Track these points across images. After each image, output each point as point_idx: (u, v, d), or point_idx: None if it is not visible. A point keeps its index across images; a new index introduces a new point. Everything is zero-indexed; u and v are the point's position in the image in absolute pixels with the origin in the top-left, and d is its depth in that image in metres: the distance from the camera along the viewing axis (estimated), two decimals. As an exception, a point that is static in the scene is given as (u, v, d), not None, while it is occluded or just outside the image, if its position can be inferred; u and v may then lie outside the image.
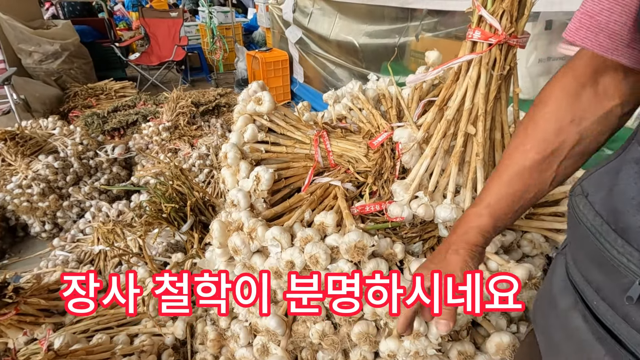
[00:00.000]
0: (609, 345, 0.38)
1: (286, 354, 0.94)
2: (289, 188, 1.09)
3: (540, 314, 0.52)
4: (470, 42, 0.80)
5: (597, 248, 0.39)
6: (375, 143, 1.07)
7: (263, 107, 1.10)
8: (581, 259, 0.43)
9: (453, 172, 0.87)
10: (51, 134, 2.20)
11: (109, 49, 4.54)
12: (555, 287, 0.48)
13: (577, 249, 0.45)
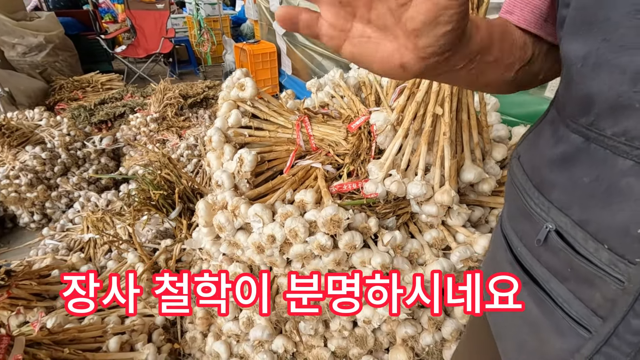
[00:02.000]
0: (529, 286, 0.44)
1: (269, 323, 1.00)
2: (271, 170, 1.14)
3: (485, 268, 0.59)
4: None
5: (522, 202, 0.44)
6: (353, 126, 1.13)
7: (246, 93, 1.15)
8: (512, 213, 0.49)
9: (423, 151, 0.93)
10: (38, 125, 2.21)
11: (95, 42, 4.49)
12: (495, 243, 0.54)
13: (510, 205, 0.50)
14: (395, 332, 1.00)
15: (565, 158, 0.38)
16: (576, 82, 0.36)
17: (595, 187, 0.35)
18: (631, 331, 0.33)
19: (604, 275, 0.34)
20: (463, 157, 0.97)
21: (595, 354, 0.37)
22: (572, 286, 0.39)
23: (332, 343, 1.05)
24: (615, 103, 0.31)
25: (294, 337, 1.06)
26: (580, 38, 0.34)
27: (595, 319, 0.36)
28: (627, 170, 0.31)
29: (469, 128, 0.96)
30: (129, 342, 1.23)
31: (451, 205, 0.90)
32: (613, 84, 0.31)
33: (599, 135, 0.34)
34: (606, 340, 0.35)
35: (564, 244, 0.38)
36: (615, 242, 0.33)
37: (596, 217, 0.35)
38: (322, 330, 1.04)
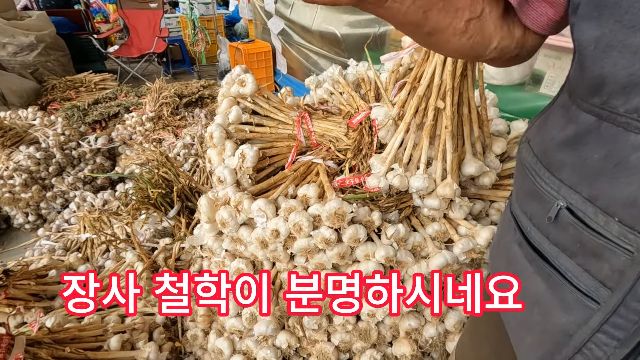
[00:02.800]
0: (537, 263, 0.46)
1: (274, 318, 1.00)
2: (273, 166, 1.14)
3: (489, 255, 0.60)
4: None
5: (532, 183, 0.46)
6: (354, 122, 1.13)
7: (246, 89, 1.15)
8: (521, 196, 0.50)
9: (425, 145, 0.94)
10: (31, 125, 2.18)
11: (87, 41, 4.44)
12: (502, 226, 0.56)
13: (519, 188, 0.52)
14: (398, 325, 1.01)
15: (576, 137, 0.40)
16: (589, 64, 0.37)
17: (605, 163, 0.36)
18: (638, 299, 0.35)
19: (614, 247, 0.36)
20: (464, 151, 0.98)
21: (603, 324, 0.38)
22: (580, 260, 0.40)
23: (336, 337, 1.06)
24: (627, 82, 0.33)
25: (298, 332, 1.07)
26: (593, 21, 0.36)
27: (603, 290, 0.38)
28: (639, 145, 0.33)
29: (470, 122, 0.97)
30: (129, 340, 1.22)
31: (453, 198, 0.91)
32: (625, 63, 0.33)
33: (612, 113, 0.35)
34: (614, 310, 0.37)
35: (574, 219, 0.39)
36: (624, 214, 0.35)
37: (606, 191, 0.36)
38: (326, 325, 1.05)
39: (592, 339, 0.39)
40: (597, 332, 0.39)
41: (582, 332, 0.40)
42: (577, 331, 0.40)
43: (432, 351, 1.03)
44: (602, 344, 0.39)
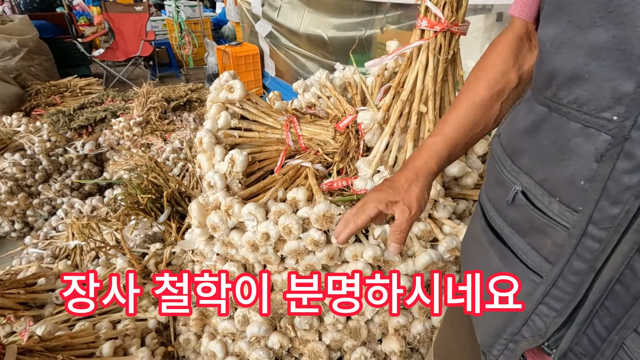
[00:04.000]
0: (496, 246, 0.50)
1: (265, 319, 1.02)
2: (262, 170, 1.16)
3: (464, 242, 0.65)
4: (419, 30, 0.90)
5: (498, 171, 0.50)
6: (341, 125, 1.16)
7: (235, 95, 1.16)
8: (489, 184, 0.55)
9: (409, 148, 0.98)
10: (16, 132, 2.15)
11: (71, 45, 4.37)
12: (473, 217, 0.60)
13: (488, 177, 0.56)
14: (387, 322, 1.04)
15: (533, 127, 0.44)
16: (544, 60, 0.42)
17: (552, 148, 0.41)
18: (573, 272, 0.39)
19: (555, 225, 0.40)
20: (447, 153, 1.02)
21: (545, 296, 0.43)
22: (529, 239, 0.45)
23: (327, 336, 1.08)
24: (571, 75, 0.38)
25: (289, 333, 1.09)
26: (551, 21, 0.41)
27: (546, 264, 0.42)
28: (577, 131, 0.38)
29: (452, 125, 1.01)
30: (122, 346, 1.22)
31: (437, 198, 0.95)
32: (571, 58, 0.37)
33: (558, 104, 0.40)
34: (554, 282, 0.41)
35: (527, 201, 0.44)
36: (563, 194, 0.39)
37: (551, 174, 0.41)
38: (317, 325, 1.07)
39: (536, 311, 0.44)
40: (539, 304, 0.44)
41: (527, 305, 0.45)
42: (525, 304, 0.45)
43: (420, 347, 1.07)
44: (543, 315, 0.44)
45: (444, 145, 0.60)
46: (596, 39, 0.34)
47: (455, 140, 0.60)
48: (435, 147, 0.60)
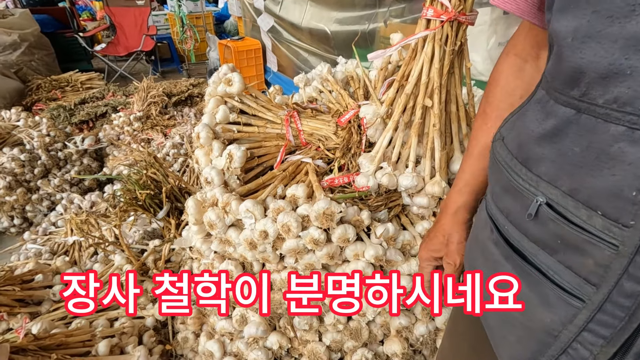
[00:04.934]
0: (515, 261, 0.45)
1: (263, 320, 0.99)
2: (261, 166, 1.13)
3: (468, 250, 0.60)
4: (425, 20, 0.86)
5: (508, 180, 0.45)
6: (343, 120, 1.12)
7: (233, 88, 1.13)
8: (497, 192, 0.50)
9: (413, 143, 0.94)
10: (15, 126, 2.13)
11: (73, 40, 4.35)
12: (477, 226, 0.56)
13: (494, 185, 0.51)
14: (389, 323, 1.01)
15: (556, 131, 0.39)
16: (566, 56, 0.37)
17: (585, 155, 0.36)
18: (624, 294, 0.34)
19: (598, 242, 0.35)
20: (452, 149, 0.98)
21: (589, 322, 0.37)
22: (561, 257, 0.40)
23: (327, 337, 1.05)
24: (607, 71, 0.33)
25: (288, 333, 1.06)
26: (569, 13, 0.36)
27: (587, 287, 0.37)
28: (619, 135, 0.33)
29: (458, 119, 0.97)
30: (119, 345, 1.20)
31: (442, 196, 0.91)
32: (604, 53, 0.33)
33: (590, 104, 0.35)
34: (600, 307, 0.36)
35: (555, 215, 0.39)
36: (608, 207, 0.34)
37: (587, 185, 0.36)
38: (317, 325, 1.04)
39: (578, 339, 0.39)
40: (582, 330, 0.38)
41: (567, 332, 0.39)
42: (563, 330, 0.40)
43: (422, 349, 1.04)
44: (587, 343, 0.38)
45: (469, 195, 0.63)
46: (637, 29, 0.30)
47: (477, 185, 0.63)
48: (460, 199, 0.64)
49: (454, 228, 0.65)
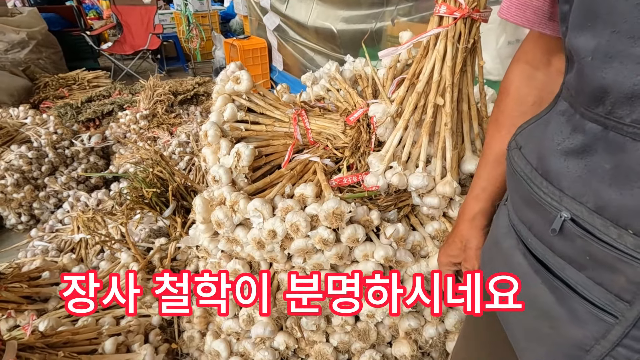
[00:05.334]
0: (543, 275, 0.44)
1: (271, 320, 0.98)
2: (269, 165, 1.12)
3: (488, 257, 0.58)
4: (437, 17, 0.85)
5: (529, 192, 0.44)
6: (352, 119, 1.11)
7: (242, 86, 1.12)
8: (517, 204, 0.48)
9: (424, 143, 0.92)
10: (23, 124, 2.14)
11: (80, 38, 4.37)
12: (499, 232, 0.53)
13: (514, 195, 0.50)
14: (398, 325, 1.00)
15: (584, 147, 0.38)
16: (588, 74, 0.36)
17: (614, 173, 0.35)
18: None
19: (630, 260, 0.34)
20: (463, 148, 0.97)
21: (624, 337, 0.36)
22: (590, 273, 0.38)
23: (334, 338, 1.04)
24: (632, 92, 0.32)
25: (295, 334, 1.05)
26: (587, 31, 0.35)
27: (620, 303, 0.36)
28: None
29: (470, 118, 0.95)
30: (125, 343, 1.20)
31: (453, 196, 0.90)
32: (628, 73, 0.32)
33: (618, 123, 0.34)
34: (635, 323, 0.35)
35: (582, 231, 0.38)
36: (639, 225, 0.33)
37: (615, 202, 0.35)
38: (324, 326, 1.03)
39: (612, 353, 0.38)
40: (617, 346, 0.37)
41: (600, 347, 0.39)
42: (595, 346, 0.39)
43: (431, 351, 1.02)
44: (622, 357, 0.38)
45: (485, 201, 0.62)
46: None
47: (493, 192, 0.62)
48: (477, 205, 0.63)
49: (472, 234, 0.64)
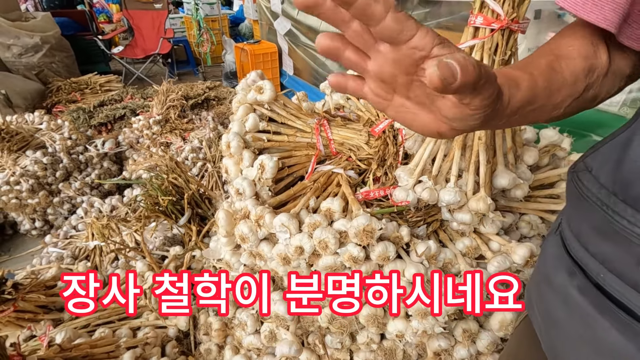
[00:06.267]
0: (615, 315, 0.38)
1: (296, 338, 0.95)
2: (292, 176, 1.10)
3: (536, 293, 0.53)
4: (472, 27, 0.82)
5: (605, 220, 0.39)
6: (377, 130, 1.08)
7: (264, 96, 1.10)
8: (585, 233, 0.44)
9: (456, 157, 0.89)
10: (38, 129, 2.14)
11: (91, 42, 4.41)
12: (549, 265, 0.49)
13: (580, 224, 0.45)
14: (426, 344, 0.96)
15: None
16: None
17: None
18: None
19: None
20: (495, 162, 0.93)
21: None
22: None
23: (359, 356, 1.01)
24: None
25: (318, 350, 1.02)
26: None
27: None
28: None
29: (503, 132, 0.92)
30: (142, 355, 1.18)
31: (486, 213, 0.86)
32: None
33: None
34: None
35: None
36: None
37: None
38: (349, 344, 1.00)
39: None
40: None
41: None
42: None
43: (461, 372, 0.98)
44: None
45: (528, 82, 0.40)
46: None
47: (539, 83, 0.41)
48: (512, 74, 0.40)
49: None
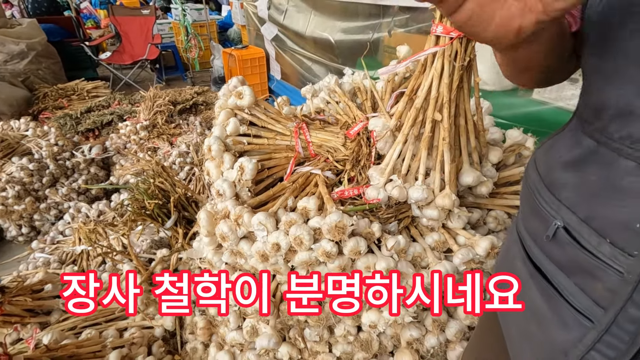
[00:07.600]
0: (537, 279, 0.47)
1: (275, 332, 0.99)
2: (271, 178, 1.15)
3: (500, 261, 0.62)
4: (434, 36, 0.88)
5: (535, 201, 0.47)
6: (352, 132, 1.14)
7: (244, 101, 1.15)
8: (526, 213, 0.52)
9: (423, 156, 0.95)
10: (24, 136, 2.15)
11: (78, 49, 4.40)
12: (508, 241, 0.57)
13: (524, 206, 0.53)
14: (399, 335, 1.01)
15: (580, 160, 0.41)
16: (593, 91, 0.39)
17: (601, 186, 0.38)
18: (629, 320, 0.36)
19: (606, 268, 0.37)
20: (461, 161, 0.99)
21: (597, 342, 0.39)
22: (577, 280, 0.42)
23: (337, 348, 1.06)
24: (623, 110, 0.35)
25: (299, 344, 1.06)
26: (597, 52, 0.38)
27: (597, 309, 0.39)
28: (631, 170, 0.35)
29: (467, 132, 0.98)
30: (128, 355, 1.21)
31: (452, 208, 0.92)
32: (623, 92, 0.35)
33: (608, 139, 0.37)
34: (607, 329, 0.38)
35: (570, 239, 0.41)
36: (616, 236, 0.37)
37: (600, 213, 0.38)
38: (327, 336, 1.05)
39: (586, 357, 0.41)
40: (590, 349, 0.40)
41: (576, 350, 0.41)
42: (572, 349, 0.42)
43: (433, 360, 1.04)
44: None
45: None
46: None
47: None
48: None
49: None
